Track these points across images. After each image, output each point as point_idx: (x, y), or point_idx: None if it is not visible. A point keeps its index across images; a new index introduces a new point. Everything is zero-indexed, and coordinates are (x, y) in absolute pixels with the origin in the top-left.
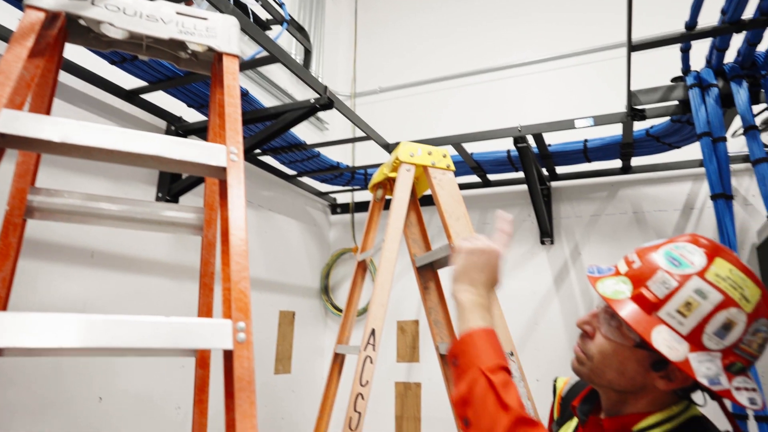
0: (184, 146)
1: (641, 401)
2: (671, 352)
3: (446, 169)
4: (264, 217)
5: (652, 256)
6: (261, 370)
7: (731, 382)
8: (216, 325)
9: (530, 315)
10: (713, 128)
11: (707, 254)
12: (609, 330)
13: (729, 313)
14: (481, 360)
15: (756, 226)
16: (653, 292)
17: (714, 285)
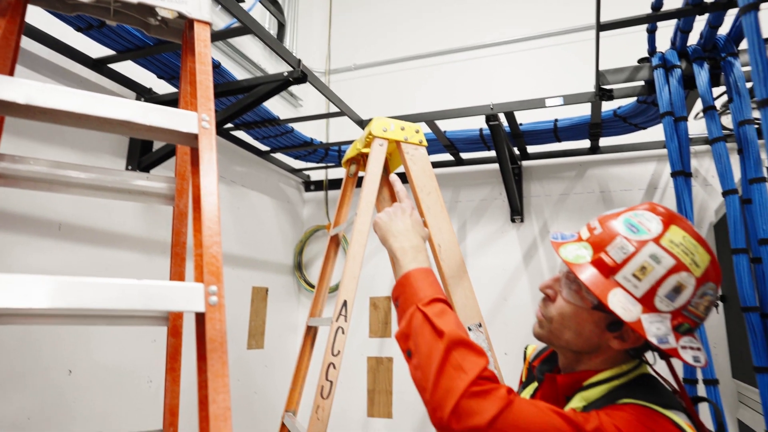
0: (154, 112)
1: (595, 360)
2: (625, 313)
3: (419, 145)
4: (237, 193)
5: (612, 223)
6: (234, 345)
7: (678, 341)
8: (188, 288)
9: (500, 291)
10: (675, 108)
11: (663, 222)
12: (569, 293)
13: (680, 277)
14: (417, 297)
15: (714, 206)
16: (612, 257)
17: (667, 250)
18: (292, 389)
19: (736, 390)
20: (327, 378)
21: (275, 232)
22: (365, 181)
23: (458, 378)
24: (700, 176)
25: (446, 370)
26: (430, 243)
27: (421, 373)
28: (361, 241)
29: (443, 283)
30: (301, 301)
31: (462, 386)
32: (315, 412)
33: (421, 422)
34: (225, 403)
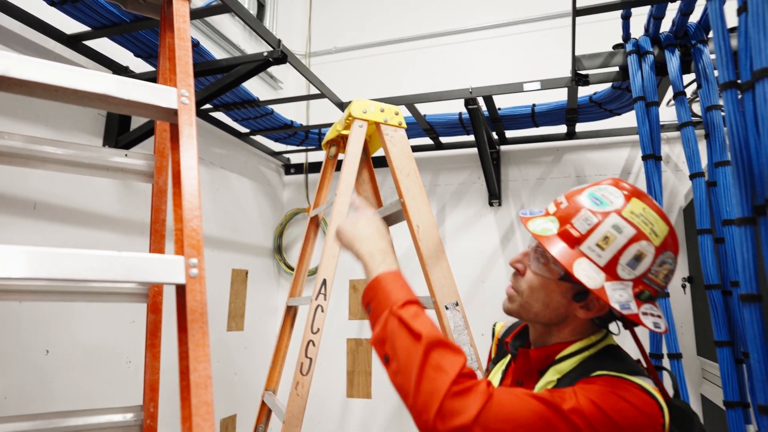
0: (133, 86)
1: (564, 331)
2: (589, 281)
3: (398, 126)
4: (216, 174)
5: (577, 197)
6: (214, 326)
7: (640, 308)
8: (168, 260)
9: (477, 273)
10: (647, 93)
11: (625, 195)
12: (537, 266)
13: (640, 246)
14: (390, 300)
15: (684, 190)
16: (576, 228)
17: (628, 221)
18: (272, 368)
19: (700, 367)
20: (306, 355)
21: (255, 214)
22: (345, 161)
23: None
24: (672, 162)
25: (426, 372)
26: (409, 223)
27: (402, 377)
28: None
29: (421, 263)
30: (281, 283)
31: (444, 387)
32: (294, 388)
33: (399, 402)
34: (206, 372)
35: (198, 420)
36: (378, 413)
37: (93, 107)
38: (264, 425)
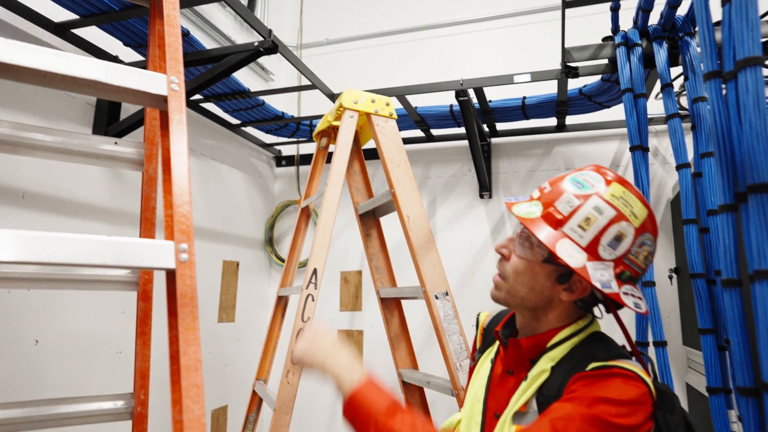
0: (123, 72)
1: (550, 315)
2: (572, 260)
3: (389, 117)
4: (207, 166)
5: (560, 182)
6: (205, 318)
7: (620, 288)
8: (158, 245)
9: (468, 265)
10: (635, 85)
11: (607, 180)
12: (522, 250)
13: (620, 227)
14: (375, 410)
15: (672, 183)
16: (559, 211)
17: (609, 202)
18: (262, 358)
19: (685, 356)
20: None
21: (246, 206)
22: (336, 151)
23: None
24: (660, 155)
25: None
26: (399, 214)
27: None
28: (331, 210)
29: (411, 253)
30: (272, 275)
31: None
32: (285, 376)
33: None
34: (196, 355)
35: (188, 402)
36: None
37: (82, 93)
38: (255, 414)
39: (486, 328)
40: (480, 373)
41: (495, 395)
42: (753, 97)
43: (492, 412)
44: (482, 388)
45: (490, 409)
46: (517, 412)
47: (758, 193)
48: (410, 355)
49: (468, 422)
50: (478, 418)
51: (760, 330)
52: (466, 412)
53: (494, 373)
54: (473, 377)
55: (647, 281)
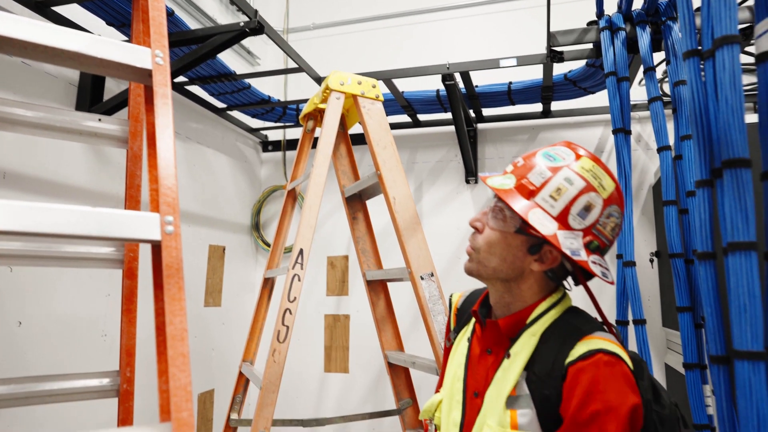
0: (107, 45)
1: (523, 287)
2: (543, 228)
3: (375, 99)
4: (192, 149)
5: (532, 157)
6: (191, 302)
7: (589, 257)
8: (144, 217)
9: (454, 250)
10: (619, 69)
11: (577, 155)
12: (495, 222)
13: (589, 197)
14: None
15: (654, 169)
16: (531, 182)
17: (579, 174)
18: (249, 340)
19: (665, 337)
20: (283, 323)
21: (232, 191)
22: (322, 132)
23: None
24: (643, 141)
25: None
26: (385, 195)
27: None
28: (318, 191)
29: (397, 234)
30: (258, 260)
31: None
32: (272, 355)
33: (376, 376)
34: (182, 325)
35: (174, 370)
36: (356, 387)
37: (65, 66)
38: (242, 395)
39: (460, 308)
40: (457, 353)
41: (474, 374)
42: (729, 75)
43: (471, 390)
44: (461, 368)
45: (469, 388)
46: (509, 396)
47: (733, 168)
48: (396, 337)
49: (449, 402)
50: (458, 397)
51: (731, 300)
52: (447, 391)
53: (472, 353)
54: (451, 357)
55: (628, 261)
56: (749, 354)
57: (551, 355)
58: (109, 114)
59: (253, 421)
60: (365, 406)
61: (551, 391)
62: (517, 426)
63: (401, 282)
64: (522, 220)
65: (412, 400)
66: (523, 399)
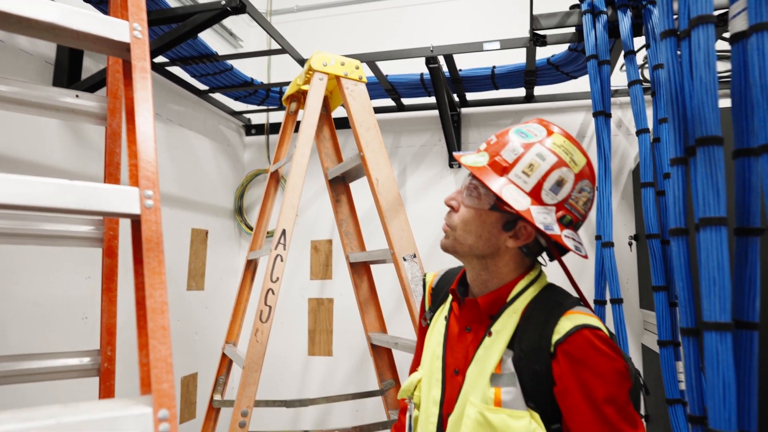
0: (84, 17)
1: (499, 263)
2: (516, 203)
3: (358, 81)
4: (174, 132)
5: (505, 135)
6: (173, 285)
7: (562, 231)
8: (124, 190)
9: (437, 233)
10: (600, 52)
11: (549, 131)
12: (470, 200)
13: (561, 172)
14: None
15: (634, 154)
16: (505, 159)
17: (551, 150)
18: (232, 321)
19: (642, 319)
20: (266, 303)
21: (215, 174)
22: (305, 113)
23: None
24: (624, 126)
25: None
26: (368, 177)
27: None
28: (300, 172)
29: (380, 215)
30: (241, 245)
31: None
32: (254, 335)
33: (359, 359)
34: (162, 298)
35: (155, 342)
36: (339, 370)
37: (40, 38)
38: (225, 377)
39: (435, 287)
40: (435, 332)
41: (453, 352)
42: (704, 54)
43: (451, 369)
44: (439, 346)
45: (449, 366)
46: (493, 374)
47: (706, 146)
48: (379, 319)
49: (428, 380)
50: (438, 376)
51: (702, 273)
52: (426, 370)
53: (450, 331)
54: (428, 336)
55: (607, 242)
56: (717, 325)
57: (537, 331)
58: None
59: (236, 400)
60: (348, 389)
61: (541, 366)
62: (501, 403)
63: (384, 264)
64: (496, 197)
65: (394, 381)
66: (508, 377)
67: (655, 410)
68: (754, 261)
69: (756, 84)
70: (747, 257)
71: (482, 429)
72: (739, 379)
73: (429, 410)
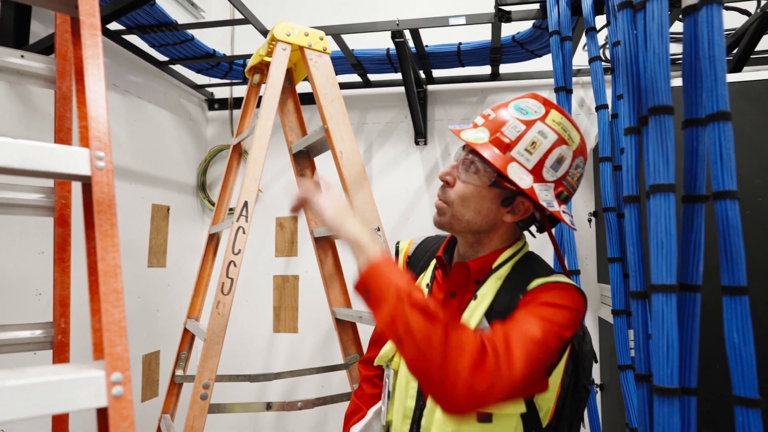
0: None
1: (493, 236)
2: (521, 182)
3: (323, 52)
4: (132, 104)
5: (503, 109)
6: (133, 262)
7: (560, 207)
8: (73, 151)
9: (403, 210)
10: (562, 28)
11: (546, 107)
12: (467, 176)
13: (561, 150)
14: (395, 286)
15: (595, 133)
16: (507, 136)
17: (551, 127)
18: (194, 296)
19: (600, 293)
20: (228, 275)
21: (177, 149)
22: (267, 84)
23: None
24: (586, 106)
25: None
26: (332, 150)
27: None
28: (263, 144)
29: (344, 189)
30: (205, 221)
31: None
32: (215, 307)
33: (325, 336)
34: (114, 261)
35: (107, 306)
36: (304, 347)
37: None
38: (187, 352)
39: (412, 255)
40: None
41: None
42: (658, 25)
43: None
44: None
45: None
46: None
47: (657, 115)
48: (344, 294)
49: None
50: None
51: (651, 238)
52: None
53: (434, 298)
54: None
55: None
56: (663, 287)
57: (509, 293)
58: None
59: (198, 373)
60: (314, 364)
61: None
62: None
63: None
64: (498, 174)
65: (359, 355)
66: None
67: (608, 380)
68: (699, 226)
69: (705, 56)
70: (693, 223)
71: None
72: (681, 339)
73: (409, 376)
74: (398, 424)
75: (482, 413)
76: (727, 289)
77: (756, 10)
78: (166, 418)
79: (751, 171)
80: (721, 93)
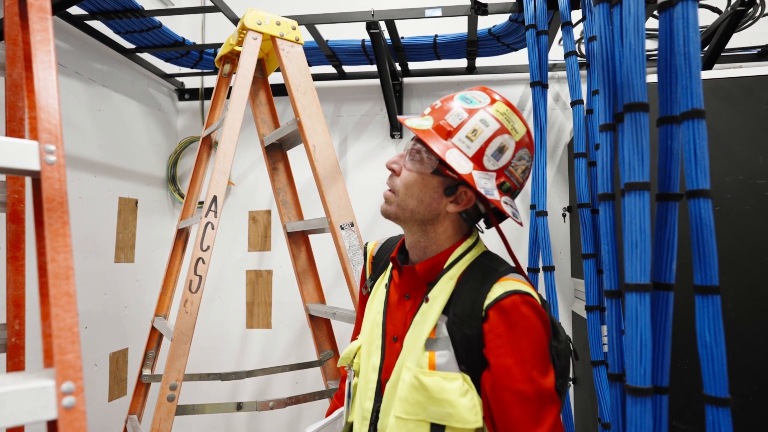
0: None
1: (439, 229)
2: (459, 167)
3: (295, 42)
4: (97, 93)
5: (449, 100)
6: (99, 257)
7: (501, 197)
8: (19, 143)
9: (377, 203)
10: (539, 22)
11: (492, 98)
12: (412, 163)
13: (503, 139)
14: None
15: (570, 128)
16: (449, 123)
17: (494, 116)
18: (162, 293)
19: (573, 287)
20: (196, 273)
21: (145, 141)
22: (238, 74)
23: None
24: (561, 101)
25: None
26: (305, 143)
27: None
28: (232, 137)
29: (317, 183)
30: (175, 215)
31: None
32: (183, 305)
33: (299, 331)
34: (66, 263)
35: (58, 310)
36: (278, 343)
37: None
38: (154, 351)
39: (375, 256)
40: (375, 300)
41: (392, 320)
42: (634, 20)
43: (390, 336)
44: (380, 314)
45: (388, 333)
46: (428, 339)
47: (633, 112)
48: (318, 290)
49: (368, 347)
50: (378, 342)
51: (625, 236)
52: (366, 337)
53: (390, 299)
54: (369, 305)
55: (540, 211)
56: (637, 286)
57: (471, 297)
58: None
59: (164, 373)
60: (288, 361)
61: (472, 330)
62: (435, 366)
63: (324, 235)
64: (439, 161)
65: (333, 352)
66: (442, 341)
67: (582, 373)
68: (673, 225)
69: (680, 52)
70: (666, 222)
71: (417, 392)
72: (654, 338)
73: (368, 377)
74: (358, 425)
75: (436, 424)
76: (700, 288)
77: (726, 8)
78: (132, 419)
79: (721, 169)
80: (695, 91)
